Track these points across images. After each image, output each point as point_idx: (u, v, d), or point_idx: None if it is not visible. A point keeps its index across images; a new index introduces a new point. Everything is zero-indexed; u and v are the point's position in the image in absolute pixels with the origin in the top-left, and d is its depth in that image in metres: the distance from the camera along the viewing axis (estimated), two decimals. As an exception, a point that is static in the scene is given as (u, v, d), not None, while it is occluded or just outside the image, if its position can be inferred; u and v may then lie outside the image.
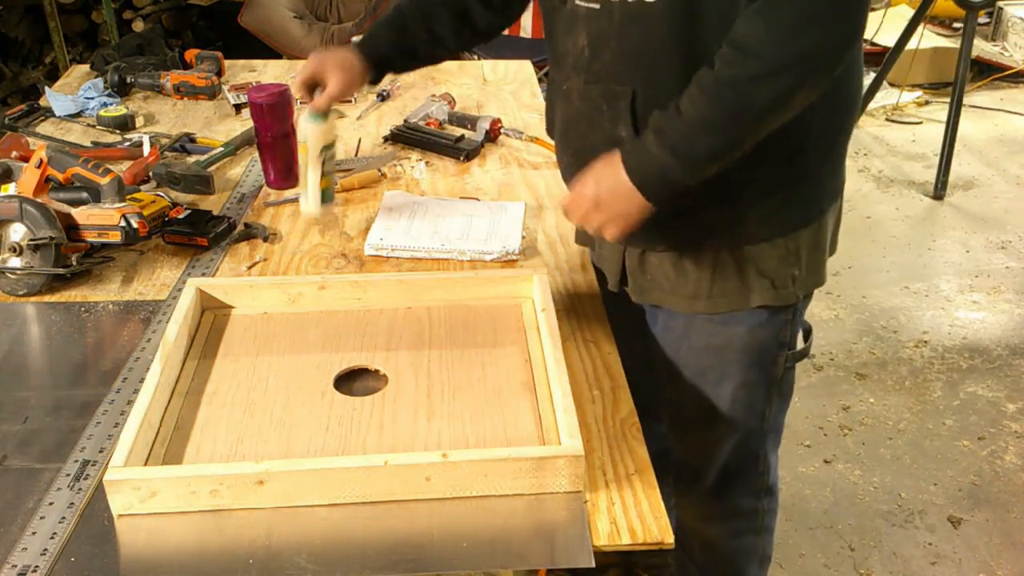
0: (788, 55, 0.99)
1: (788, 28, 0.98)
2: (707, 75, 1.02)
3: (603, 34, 1.10)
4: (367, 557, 0.91)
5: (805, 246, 1.21)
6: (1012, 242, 3.36)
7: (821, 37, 0.99)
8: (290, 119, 1.64)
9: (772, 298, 1.23)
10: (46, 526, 0.94)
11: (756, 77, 1.00)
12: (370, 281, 1.28)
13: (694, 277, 1.22)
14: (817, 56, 1.00)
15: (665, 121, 1.05)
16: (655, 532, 0.95)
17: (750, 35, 1.00)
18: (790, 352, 1.31)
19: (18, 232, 1.34)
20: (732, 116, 1.02)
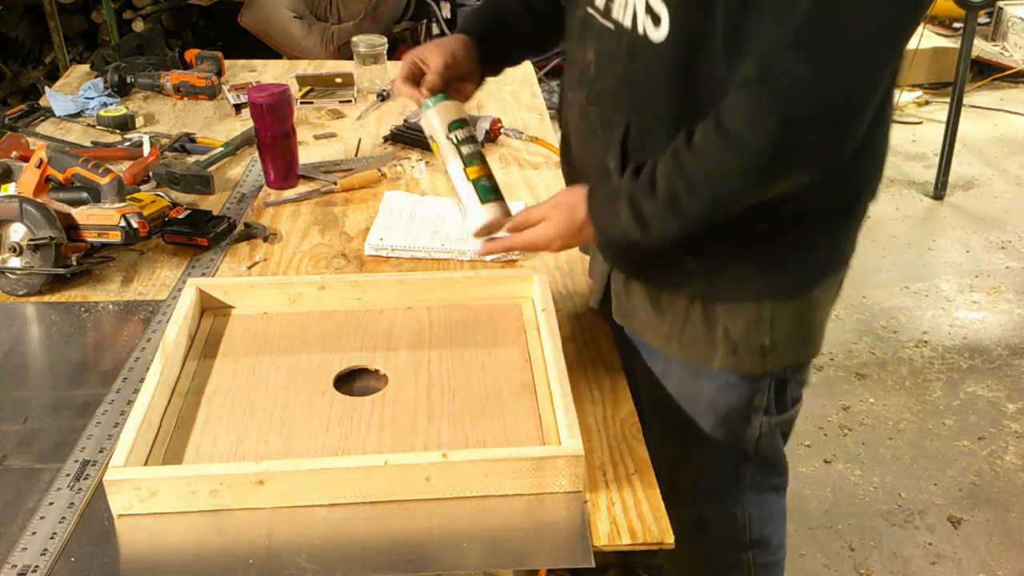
0: (771, 152, 0.92)
1: (775, 125, 0.91)
2: (685, 152, 0.97)
3: (611, 57, 1.06)
4: (367, 557, 0.91)
5: (783, 317, 1.14)
6: (1012, 242, 3.36)
7: (810, 139, 0.92)
8: (290, 119, 1.64)
9: (732, 365, 1.16)
10: (46, 526, 0.94)
11: (735, 168, 0.95)
12: (370, 281, 1.28)
13: (669, 318, 1.17)
14: (804, 158, 0.94)
15: (639, 192, 1.01)
16: (655, 532, 0.95)
17: (736, 121, 0.93)
18: (767, 419, 1.23)
19: (18, 232, 1.34)
20: (707, 208, 0.99)
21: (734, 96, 0.93)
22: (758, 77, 0.91)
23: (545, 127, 1.95)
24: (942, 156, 3.63)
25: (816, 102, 0.90)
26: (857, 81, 0.90)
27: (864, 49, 0.88)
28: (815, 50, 0.88)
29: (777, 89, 0.90)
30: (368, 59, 2.11)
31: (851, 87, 0.90)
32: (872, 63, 0.90)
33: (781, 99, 0.90)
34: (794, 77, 0.89)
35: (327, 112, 2.03)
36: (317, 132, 1.92)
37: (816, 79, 0.89)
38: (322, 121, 1.99)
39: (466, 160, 1.14)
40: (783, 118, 0.90)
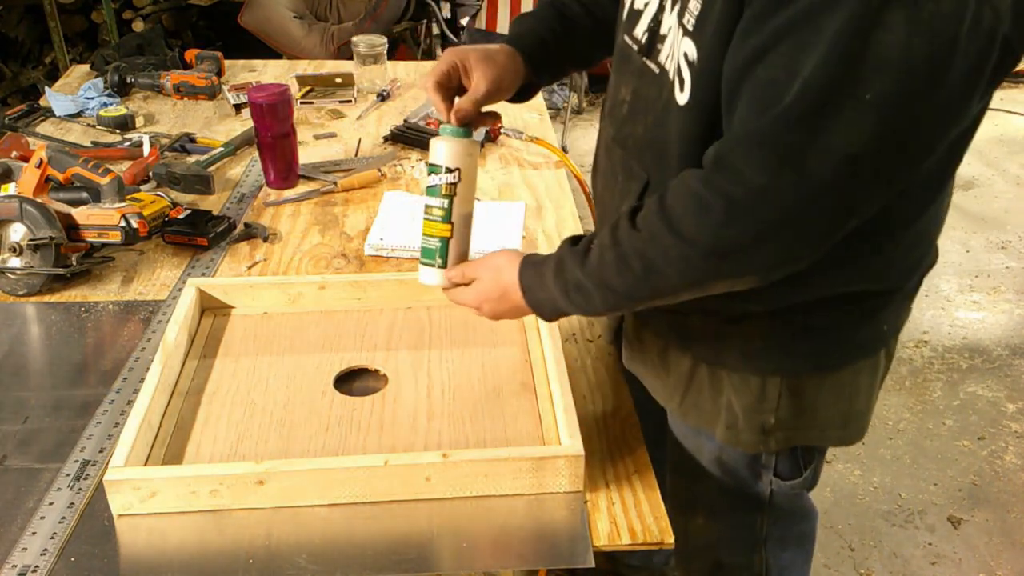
0: (704, 244, 0.83)
1: (709, 216, 0.82)
2: (624, 229, 0.89)
3: (648, 103, 0.97)
4: (367, 557, 0.91)
5: (790, 398, 1.05)
6: (1012, 242, 3.36)
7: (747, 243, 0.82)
8: (290, 119, 1.64)
9: (731, 440, 1.09)
10: (46, 526, 0.94)
11: (668, 255, 0.86)
12: (370, 281, 1.28)
13: (674, 377, 1.11)
14: (738, 260, 0.84)
15: (570, 259, 0.93)
16: (655, 532, 0.95)
17: (678, 203, 0.84)
18: (777, 479, 1.16)
19: (18, 232, 1.34)
20: (635, 285, 0.90)
21: (683, 179, 0.85)
22: (713, 163, 0.83)
23: (545, 127, 1.95)
24: (942, 156, 3.63)
25: (765, 210, 0.80)
26: (818, 199, 0.80)
27: (832, 174, 0.78)
28: (777, 157, 0.78)
29: (729, 183, 0.81)
30: (368, 59, 2.11)
31: (809, 204, 0.80)
32: (840, 189, 0.79)
33: (729, 196, 0.81)
34: (748, 177, 0.80)
35: (327, 112, 2.03)
36: (317, 132, 1.92)
37: (771, 187, 0.79)
38: (322, 121, 1.99)
39: (426, 212, 1.04)
40: (728, 217, 0.81)
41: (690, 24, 0.86)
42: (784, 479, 1.17)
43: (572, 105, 4.28)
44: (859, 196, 0.81)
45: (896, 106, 0.75)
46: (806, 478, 1.18)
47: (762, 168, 0.79)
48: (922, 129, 0.79)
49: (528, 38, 1.12)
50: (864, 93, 0.75)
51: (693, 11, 0.86)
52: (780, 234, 0.82)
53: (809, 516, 1.31)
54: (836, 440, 1.13)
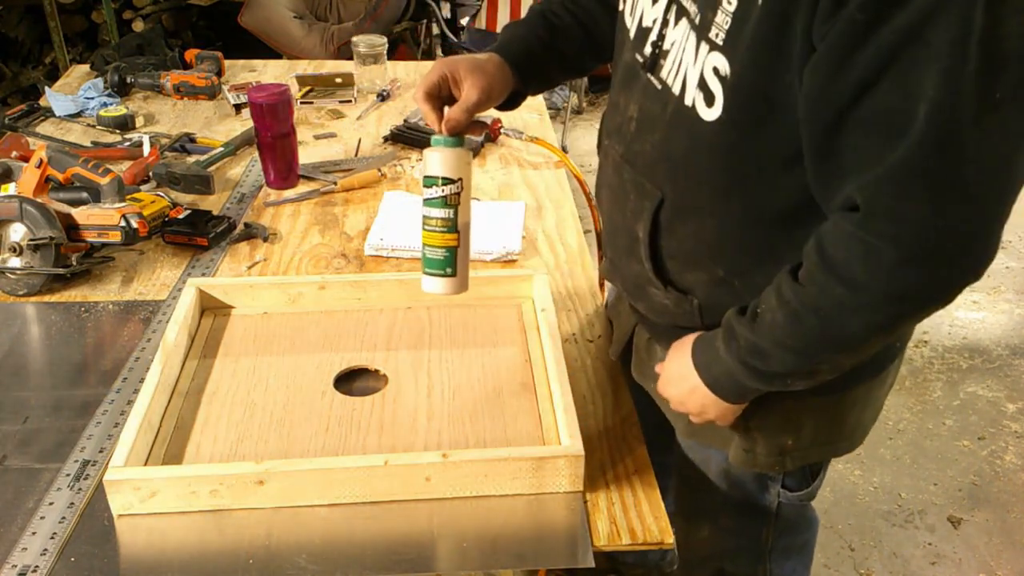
0: (882, 290, 0.82)
1: (881, 261, 0.80)
2: (788, 285, 0.87)
3: (653, 119, 0.96)
4: (367, 557, 0.91)
5: (810, 418, 1.06)
6: (1012, 242, 3.36)
7: (926, 279, 0.80)
8: (290, 119, 1.64)
9: (747, 461, 1.08)
10: (46, 526, 0.94)
11: (844, 307, 0.84)
12: (370, 281, 1.28)
13: None
14: (919, 297, 0.83)
15: (739, 325, 0.92)
16: (655, 532, 0.95)
17: (837, 252, 0.83)
18: (784, 490, 1.17)
19: (18, 232, 1.34)
20: (816, 341, 0.88)
21: (838, 225, 0.83)
22: (865, 207, 0.80)
23: (545, 127, 1.95)
24: (942, 156, 3.63)
25: (937, 240, 0.78)
26: (984, 212, 0.78)
27: (991, 184, 0.76)
28: (933, 185, 0.76)
29: (890, 224, 0.79)
30: (368, 59, 2.11)
31: (976, 220, 0.78)
32: (1002, 194, 0.77)
33: (895, 236, 0.79)
34: (909, 214, 0.77)
35: (327, 112, 2.03)
36: (317, 132, 1.92)
37: (935, 216, 0.77)
38: (322, 121, 1.99)
39: (426, 223, 1.03)
40: (900, 257, 0.79)
41: (719, 39, 0.85)
42: (792, 491, 1.18)
43: (572, 105, 4.28)
44: (1013, 193, 0.79)
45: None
46: (813, 489, 1.18)
47: (921, 200, 0.77)
48: None
49: (515, 46, 1.12)
50: (995, 93, 0.73)
51: (722, 25, 0.84)
52: (958, 260, 0.80)
53: (812, 525, 1.31)
54: (843, 451, 1.13)
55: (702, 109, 0.89)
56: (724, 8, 0.84)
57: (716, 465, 1.17)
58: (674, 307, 1.04)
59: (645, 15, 0.98)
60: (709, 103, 0.88)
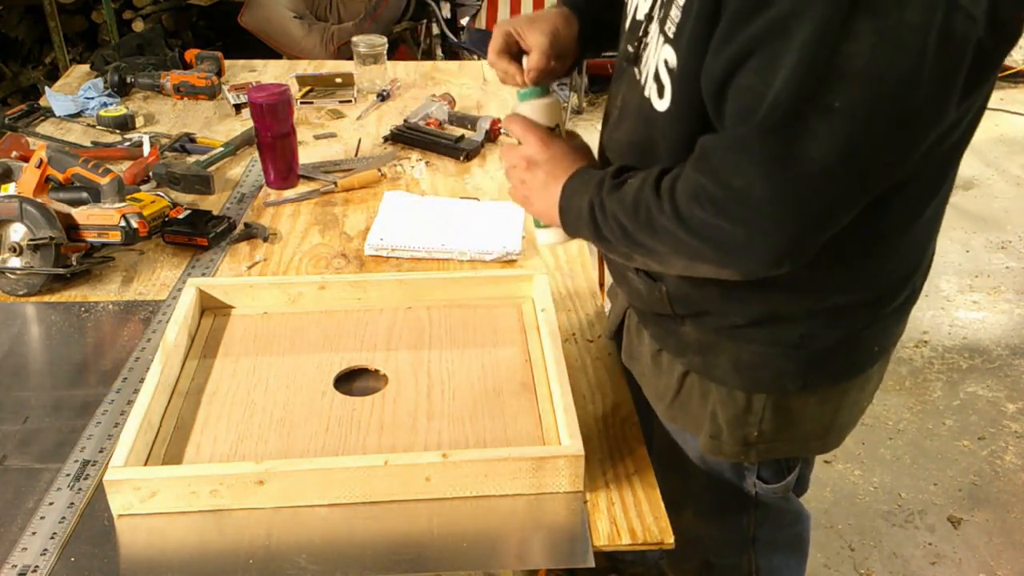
0: (693, 230, 0.86)
1: (698, 208, 0.84)
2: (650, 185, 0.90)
3: (630, 108, 1.00)
4: (367, 557, 0.91)
5: (775, 413, 1.06)
6: (1012, 242, 3.36)
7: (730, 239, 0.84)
8: (290, 119, 1.64)
9: (712, 449, 1.10)
10: (46, 526, 0.94)
11: (665, 225, 0.88)
12: (370, 281, 1.28)
13: (664, 380, 1.13)
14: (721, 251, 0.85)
15: (610, 181, 0.95)
16: (655, 532, 0.95)
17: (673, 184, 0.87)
18: (761, 481, 1.17)
19: (18, 232, 1.34)
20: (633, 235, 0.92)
21: (688, 164, 0.87)
22: (698, 158, 0.85)
23: (545, 127, 1.95)
24: (942, 156, 3.63)
25: (742, 216, 0.82)
26: (790, 211, 0.81)
27: (805, 183, 0.79)
28: (752, 164, 0.80)
29: (710, 182, 0.83)
30: (368, 59, 2.11)
31: (782, 216, 0.81)
32: (813, 197, 0.80)
33: (711, 194, 0.83)
34: (725, 180, 0.82)
35: (327, 112, 2.03)
36: (317, 132, 1.92)
37: (745, 193, 0.81)
38: (322, 121, 1.99)
39: None
40: (714, 211, 0.83)
41: (671, 32, 0.88)
42: (768, 483, 1.18)
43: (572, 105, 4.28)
44: (833, 203, 0.82)
45: (865, 115, 0.76)
46: (789, 482, 1.18)
47: (738, 173, 0.81)
48: (892, 137, 0.79)
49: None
50: (833, 102, 0.75)
51: (674, 19, 0.87)
52: (757, 238, 0.83)
53: (800, 519, 1.30)
54: (815, 450, 1.14)
55: (655, 100, 0.92)
56: (677, 2, 0.87)
57: (694, 451, 1.17)
58: (647, 293, 1.06)
59: (639, 9, 0.99)
60: (660, 95, 0.91)
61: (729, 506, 1.22)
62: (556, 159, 1.02)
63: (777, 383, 1.04)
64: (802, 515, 1.30)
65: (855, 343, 1.04)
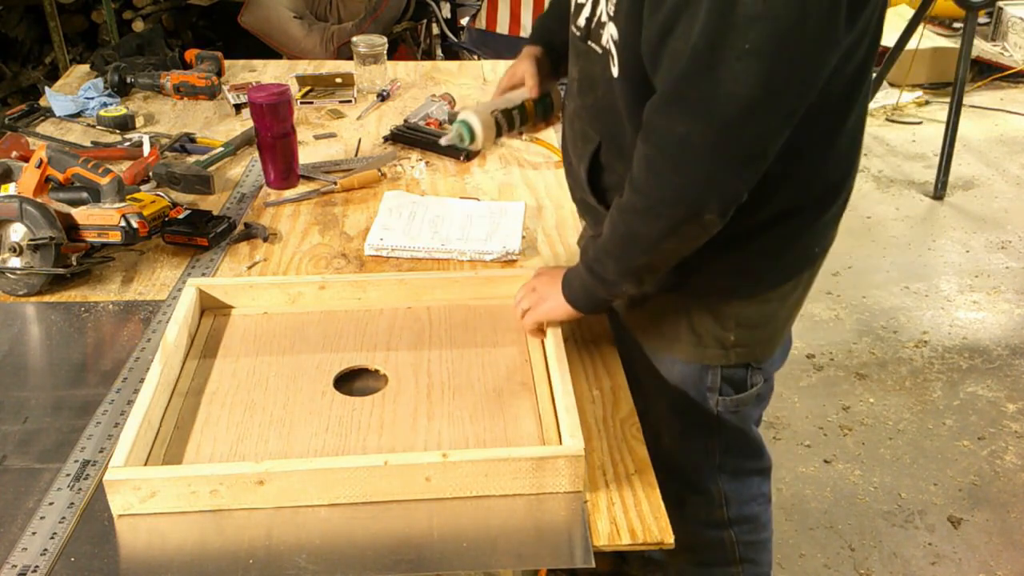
0: (656, 197, 1.00)
1: (652, 171, 0.99)
2: (614, 205, 1.06)
3: (590, 78, 1.13)
4: (367, 557, 0.91)
5: (747, 316, 1.20)
6: (1012, 242, 3.36)
7: (687, 186, 0.98)
8: (290, 119, 1.64)
9: (696, 356, 1.24)
10: (46, 526, 0.94)
11: (636, 212, 1.03)
12: (370, 281, 1.28)
13: (638, 308, 1.25)
14: (686, 203, 0.99)
15: (590, 241, 1.12)
16: (655, 532, 0.95)
17: (636, 170, 1.01)
18: (723, 398, 1.28)
19: (18, 232, 1.34)
20: (625, 245, 1.06)
21: (639, 138, 1.00)
22: (645, 128, 0.98)
23: (545, 127, 1.95)
24: (942, 156, 3.63)
25: (694, 158, 0.95)
26: (730, 144, 0.94)
27: (736, 117, 0.92)
28: (687, 110, 0.93)
29: (658, 139, 0.97)
30: (368, 59, 2.11)
31: (726, 150, 0.95)
32: (745, 129, 0.93)
33: (663, 149, 0.97)
34: (669, 131, 0.95)
35: (327, 112, 2.03)
36: (317, 132, 1.92)
37: (689, 137, 0.94)
38: (322, 121, 1.99)
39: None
40: (666, 165, 0.97)
41: (611, 11, 1.03)
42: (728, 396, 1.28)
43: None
44: (764, 132, 0.94)
45: (772, 51, 0.88)
46: (747, 395, 1.29)
47: (678, 121, 0.95)
48: (799, 65, 0.91)
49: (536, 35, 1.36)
50: (743, 44, 0.88)
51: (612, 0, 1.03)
52: (713, 175, 0.96)
53: (761, 455, 1.42)
54: (771, 349, 1.27)
55: (612, 69, 1.06)
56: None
57: (664, 373, 1.28)
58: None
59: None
60: (614, 64, 1.05)
61: (697, 428, 1.32)
62: (548, 271, 1.23)
63: (745, 287, 1.19)
64: (763, 451, 1.42)
65: (800, 246, 1.18)
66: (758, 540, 1.47)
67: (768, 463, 1.44)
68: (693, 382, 1.27)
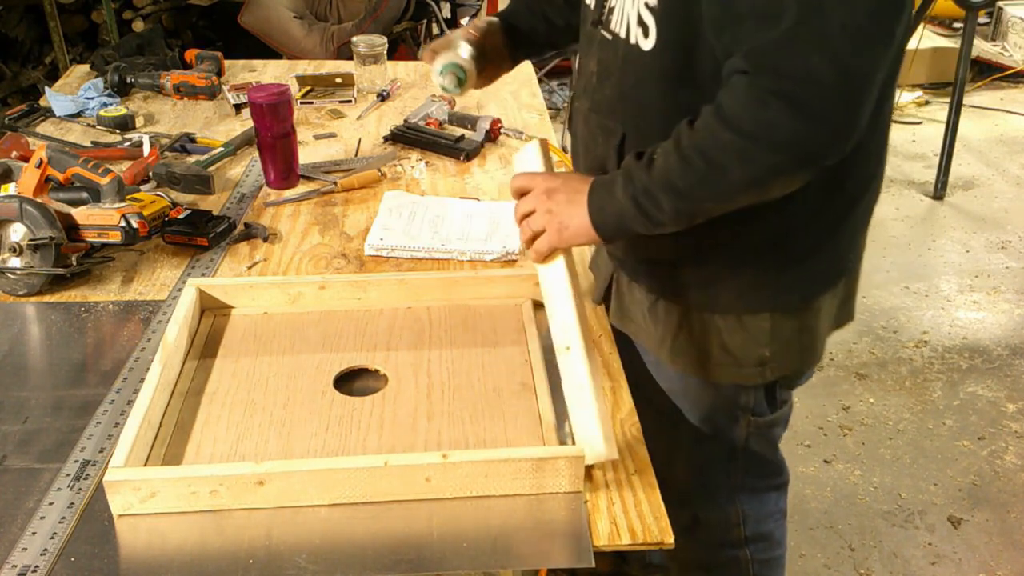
0: (764, 138, 0.91)
1: (768, 111, 0.90)
2: (685, 132, 0.97)
3: (609, 66, 1.08)
4: (367, 557, 0.91)
5: (783, 329, 1.15)
6: (1012, 242, 3.36)
7: (804, 127, 0.90)
8: (290, 119, 1.64)
9: (732, 376, 1.18)
10: (46, 526, 0.94)
11: (728, 151, 0.93)
12: (370, 281, 1.28)
13: (663, 325, 1.19)
14: (798, 146, 0.92)
15: (636, 169, 1.00)
16: (655, 532, 0.95)
17: (730, 105, 0.92)
18: (755, 419, 1.24)
19: (18, 232, 1.34)
20: (699, 184, 0.96)
21: (732, 85, 0.92)
22: (753, 70, 0.90)
23: (545, 127, 1.95)
24: (942, 156, 3.63)
25: (818, 99, 0.89)
26: (848, 72, 0.89)
27: (852, 48, 0.87)
28: (806, 46, 0.88)
29: (775, 81, 0.89)
30: (368, 59, 2.11)
31: (842, 80, 0.89)
32: (863, 58, 0.89)
33: (781, 86, 0.89)
34: (790, 71, 0.89)
35: (327, 112, 2.03)
36: (317, 132, 1.92)
37: (813, 76, 0.88)
38: (322, 121, 1.99)
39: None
40: (780, 107, 0.89)
41: None
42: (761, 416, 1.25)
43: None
44: (875, 64, 0.90)
45: None
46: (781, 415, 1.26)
47: (793, 59, 0.88)
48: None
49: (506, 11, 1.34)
50: None
51: None
52: (828, 114, 0.90)
53: (781, 471, 1.38)
54: (811, 362, 1.22)
55: (641, 42, 1.01)
56: None
57: (693, 394, 1.24)
58: (646, 237, 1.08)
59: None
60: (646, 35, 1.00)
61: (718, 456, 1.28)
62: (569, 178, 1.10)
63: (781, 299, 1.12)
64: (783, 468, 1.37)
65: (836, 251, 1.13)
66: (772, 557, 1.44)
67: (786, 477, 1.40)
68: (725, 404, 1.23)
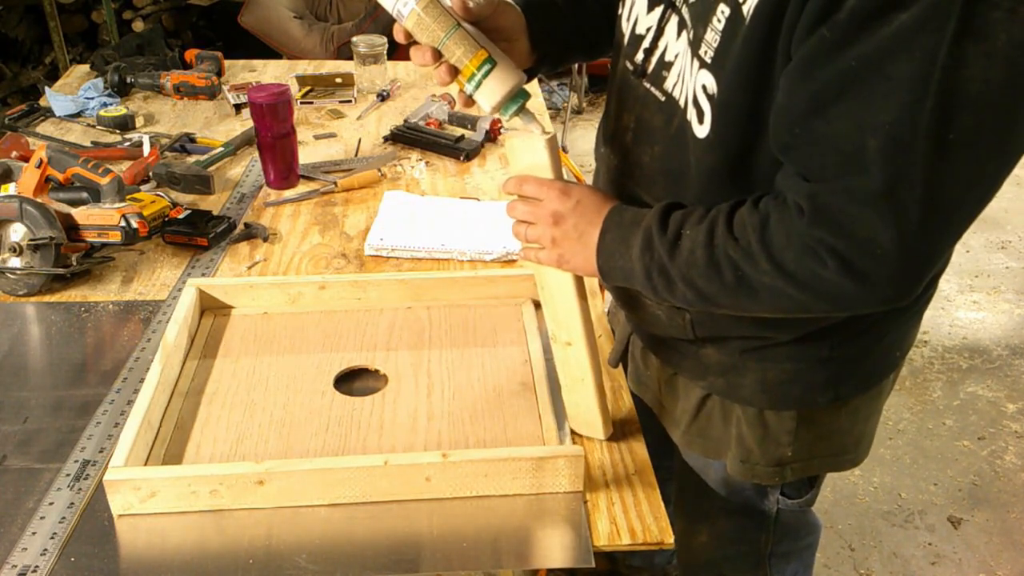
0: (810, 288, 0.82)
1: (818, 264, 0.80)
2: (722, 231, 0.85)
3: (653, 131, 0.95)
4: (367, 557, 0.91)
5: (809, 430, 1.04)
6: (1012, 242, 3.36)
7: (853, 288, 0.80)
8: (290, 119, 1.64)
9: (744, 473, 1.09)
10: (46, 526, 0.94)
11: (764, 281, 0.84)
12: (370, 281, 1.28)
13: (681, 405, 1.12)
14: (844, 301, 0.83)
15: (659, 241, 0.89)
16: (655, 532, 0.95)
17: (780, 240, 0.82)
18: (785, 499, 1.17)
19: (18, 232, 1.34)
20: (721, 294, 0.87)
21: (785, 216, 0.82)
22: (811, 214, 0.79)
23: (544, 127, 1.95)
24: (942, 156, 3.63)
25: (873, 263, 0.79)
26: (923, 247, 0.78)
27: (931, 215, 0.76)
28: (879, 210, 0.76)
29: (832, 236, 0.79)
30: (368, 59, 2.11)
31: (913, 254, 0.78)
32: (938, 231, 0.78)
33: (833, 248, 0.79)
34: (850, 231, 0.78)
35: (327, 112, 2.03)
36: (317, 132, 1.92)
37: (874, 241, 0.77)
38: (322, 121, 1.99)
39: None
40: (835, 266, 0.79)
41: (708, 56, 0.84)
42: (791, 499, 1.18)
43: (572, 105, 4.28)
44: (955, 235, 0.80)
45: (980, 142, 0.73)
46: (812, 496, 1.18)
47: (862, 223, 0.77)
48: (1005, 161, 0.76)
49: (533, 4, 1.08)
50: (947, 134, 0.72)
51: (711, 43, 0.83)
52: (885, 285, 0.80)
53: (814, 530, 1.30)
54: (848, 464, 1.12)
55: (696, 126, 0.88)
56: (714, 26, 0.83)
57: (715, 473, 1.17)
58: (667, 320, 1.04)
59: (639, 23, 0.96)
60: (700, 120, 0.87)
61: (748, 525, 1.21)
62: (582, 205, 0.94)
63: (807, 398, 1.02)
64: (816, 526, 1.30)
65: (879, 349, 1.03)
66: None
67: (819, 531, 1.31)
68: (746, 486, 1.15)
